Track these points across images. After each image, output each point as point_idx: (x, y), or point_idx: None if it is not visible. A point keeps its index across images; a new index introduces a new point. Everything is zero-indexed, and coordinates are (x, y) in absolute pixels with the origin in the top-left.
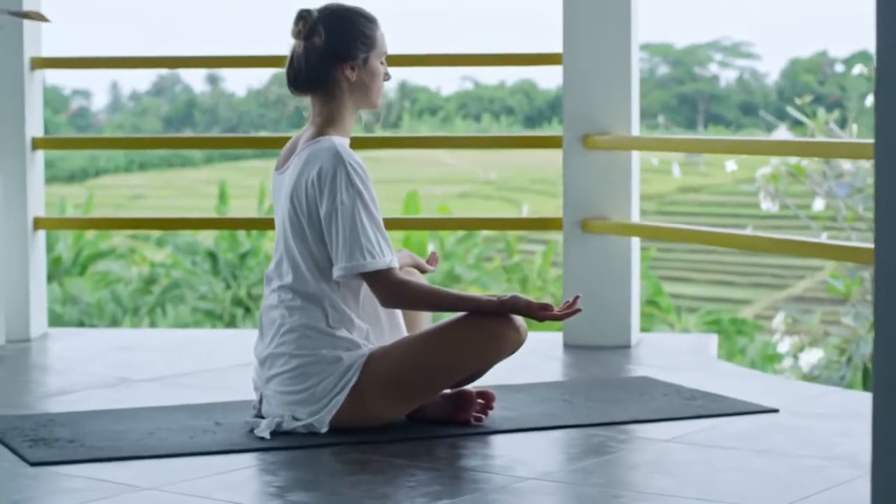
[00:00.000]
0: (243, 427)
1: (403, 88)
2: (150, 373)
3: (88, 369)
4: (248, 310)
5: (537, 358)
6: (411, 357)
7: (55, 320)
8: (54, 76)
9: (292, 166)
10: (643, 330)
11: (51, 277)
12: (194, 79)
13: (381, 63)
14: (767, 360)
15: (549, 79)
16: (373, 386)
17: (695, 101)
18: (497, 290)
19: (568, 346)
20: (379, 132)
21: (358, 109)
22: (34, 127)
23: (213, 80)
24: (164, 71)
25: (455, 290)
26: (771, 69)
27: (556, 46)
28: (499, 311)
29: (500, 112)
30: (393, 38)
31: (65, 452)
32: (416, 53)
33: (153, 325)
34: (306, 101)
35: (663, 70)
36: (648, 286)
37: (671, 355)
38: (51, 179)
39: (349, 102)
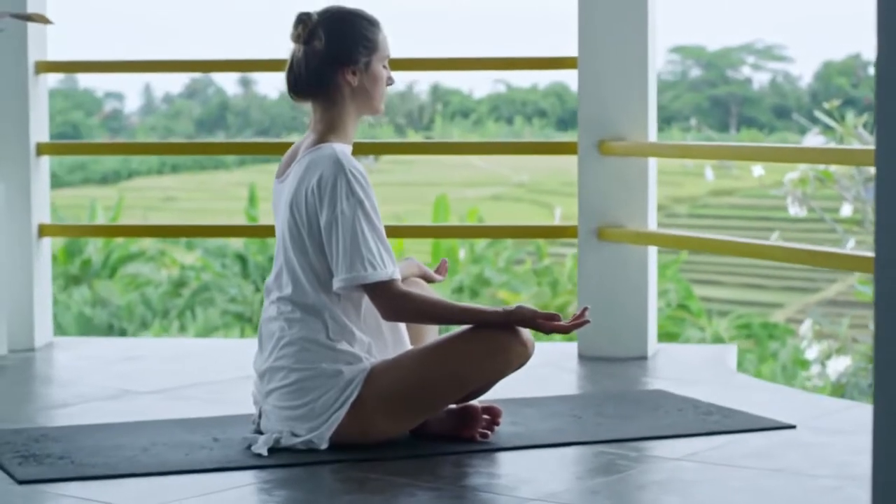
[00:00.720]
0: (241, 443)
1: (436, 91)
2: (153, 384)
3: (90, 380)
4: None
5: (551, 370)
6: (414, 371)
7: (84, 323)
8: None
9: (292, 174)
10: (673, 334)
11: (80, 280)
12: (227, 81)
13: (384, 67)
14: (799, 366)
15: None
16: (374, 401)
17: (727, 104)
18: (527, 293)
19: (582, 358)
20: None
21: (361, 115)
22: (39, 132)
23: (245, 83)
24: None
25: (466, 302)
26: (804, 72)
27: (572, 49)
28: (505, 322)
29: (533, 115)
30: (405, 40)
31: (55, 470)
32: (425, 57)
33: (182, 328)
34: (308, 108)
35: (696, 73)
36: (679, 290)
37: (689, 367)
38: (84, 182)
39: (351, 108)
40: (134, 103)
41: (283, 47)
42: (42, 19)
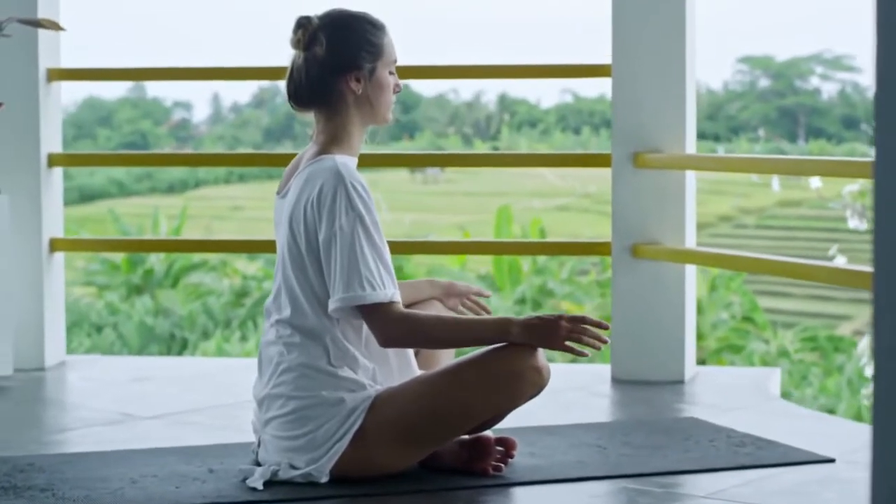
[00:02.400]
0: (237, 475)
1: (503, 101)
2: (158, 408)
3: (94, 403)
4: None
5: (581, 394)
6: (421, 400)
7: (146, 333)
8: (155, 88)
9: (292, 188)
10: (737, 347)
11: (142, 290)
12: None
13: (391, 73)
14: (864, 381)
15: None
16: (378, 431)
17: (796, 115)
18: (590, 305)
19: (616, 381)
20: (479, 146)
21: (366, 125)
22: (51, 142)
23: None
24: (265, 83)
25: (484, 316)
26: (873, 82)
27: (607, 57)
28: (499, 339)
29: (600, 125)
30: (441, 47)
31: (34, 503)
32: (453, 65)
33: (244, 338)
34: (310, 118)
35: (764, 83)
36: (744, 302)
37: (728, 392)
38: (151, 191)
39: (355, 118)
40: (202, 112)
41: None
42: (53, 25)
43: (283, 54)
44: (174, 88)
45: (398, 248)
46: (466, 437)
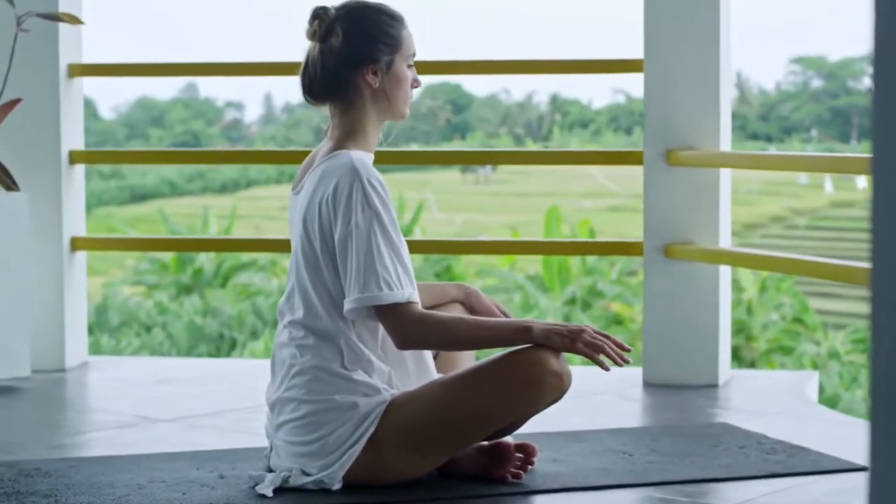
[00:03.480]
0: (248, 482)
1: (554, 101)
2: (176, 411)
3: (111, 406)
4: None
5: (611, 399)
6: (437, 404)
7: (195, 332)
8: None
9: (307, 185)
10: (787, 348)
11: (191, 289)
12: None
13: (409, 67)
14: None
15: None
16: (393, 437)
17: (848, 115)
18: (640, 306)
19: (648, 385)
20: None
21: (383, 120)
22: (72, 139)
23: None
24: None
25: (511, 317)
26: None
27: (639, 52)
28: (516, 341)
29: None
30: (474, 42)
31: None
32: (483, 59)
33: None
34: (326, 112)
35: (817, 83)
36: (795, 303)
37: (762, 397)
38: (203, 191)
39: (372, 112)
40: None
41: None
42: (72, 19)
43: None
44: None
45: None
46: (485, 442)
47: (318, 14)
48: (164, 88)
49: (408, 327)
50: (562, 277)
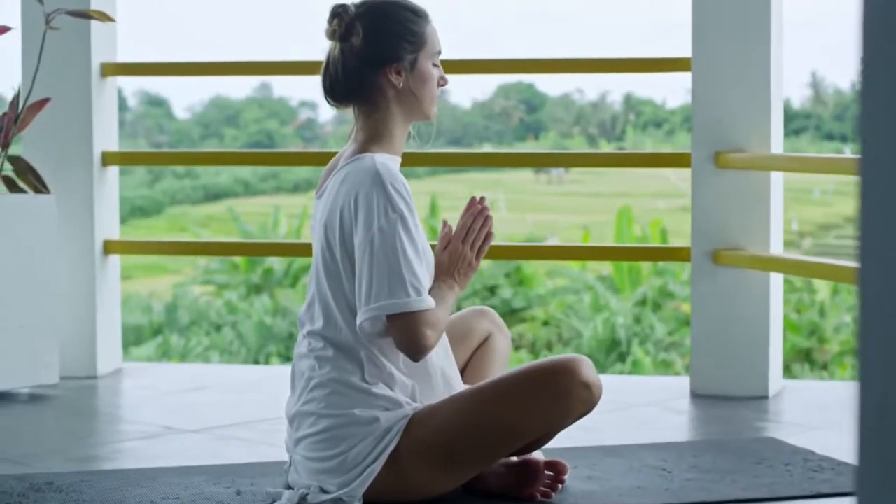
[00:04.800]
0: (265, 499)
1: (628, 101)
2: (204, 421)
3: (138, 415)
4: None
5: (655, 410)
6: (461, 418)
7: (264, 332)
8: (281, 87)
9: (328, 190)
10: (844, 354)
11: (261, 289)
12: None
13: (435, 65)
14: None
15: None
16: (415, 452)
17: None
18: None
19: (695, 396)
20: (604, 146)
21: (409, 122)
22: (105, 139)
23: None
24: None
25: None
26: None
27: (686, 50)
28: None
29: None
30: (526, 40)
31: None
32: (529, 58)
33: None
34: (349, 114)
35: None
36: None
37: (814, 409)
38: (276, 190)
39: (397, 114)
40: (328, 112)
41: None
42: (103, 17)
43: None
44: (300, 88)
45: None
46: (514, 458)
47: (338, 12)
48: (239, 88)
49: (429, 333)
50: (632, 278)
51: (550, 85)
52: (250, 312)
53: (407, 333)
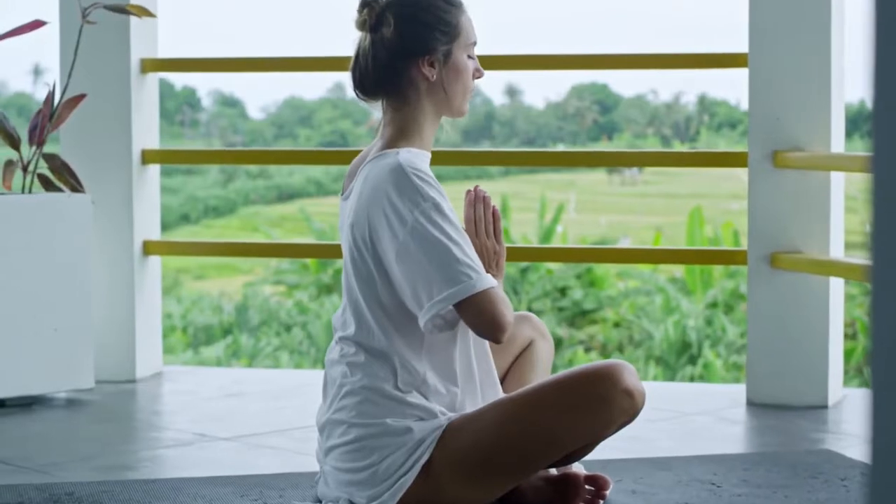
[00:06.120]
0: None
1: (702, 102)
2: (238, 428)
3: (171, 422)
4: None
5: (709, 419)
6: (497, 427)
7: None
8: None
9: (354, 190)
10: None
11: (332, 290)
12: (494, 91)
13: (470, 57)
14: None
15: (858, 90)
16: (450, 464)
17: None
18: None
19: (751, 405)
20: (677, 146)
21: (440, 116)
22: (146, 137)
23: (511, 93)
24: None
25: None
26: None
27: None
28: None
29: None
30: (572, 38)
31: None
32: (567, 54)
33: None
34: (378, 109)
35: None
36: None
37: None
38: (336, 192)
39: (428, 108)
40: None
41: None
42: (141, 12)
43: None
44: None
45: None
46: (553, 471)
47: (368, 2)
48: (312, 88)
49: (502, 310)
50: (704, 280)
51: (624, 86)
52: (320, 313)
53: (482, 315)
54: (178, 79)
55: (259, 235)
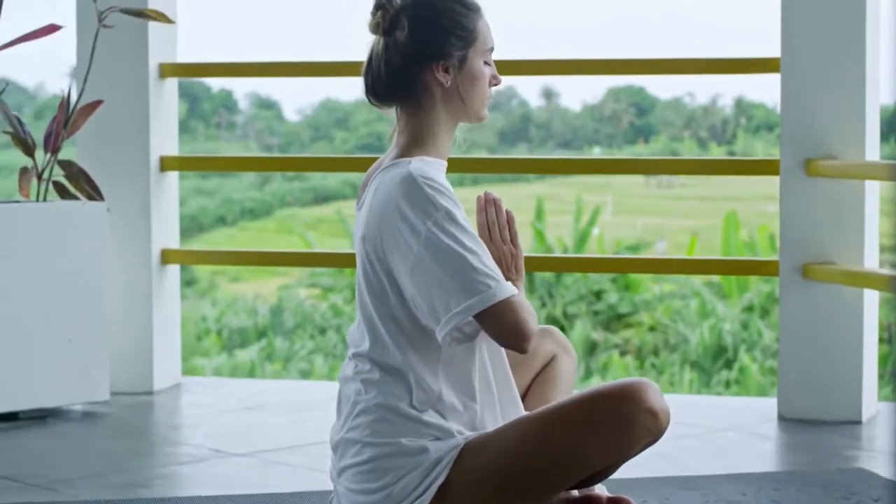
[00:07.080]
0: None
1: (739, 104)
2: (254, 444)
3: (186, 436)
4: (562, 329)
5: (739, 435)
6: (516, 446)
7: None
8: None
9: (366, 200)
10: None
11: None
12: (530, 93)
13: (487, 63)
14: None
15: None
16: (467, 486)
17: None
18: None
19: (783, 420)
20: (714, 150)
21: (456, 123)
22: (164, 144)
23: (548, 95)
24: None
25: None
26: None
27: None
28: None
29: None
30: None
31: None
32: (598, 58)
33: None
34: (392, 115)
35: None
36: None
37: None
38: None
39: (443, 115)
40: None
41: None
42: (160, 17)
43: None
44: None
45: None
46: (575, 493)
47: (382, 4)
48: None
49: (525, 318)
50: (740, 284)
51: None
52: (355, 316)
53: (505, 325)
54: (215, 82)
55: (295, 238)
